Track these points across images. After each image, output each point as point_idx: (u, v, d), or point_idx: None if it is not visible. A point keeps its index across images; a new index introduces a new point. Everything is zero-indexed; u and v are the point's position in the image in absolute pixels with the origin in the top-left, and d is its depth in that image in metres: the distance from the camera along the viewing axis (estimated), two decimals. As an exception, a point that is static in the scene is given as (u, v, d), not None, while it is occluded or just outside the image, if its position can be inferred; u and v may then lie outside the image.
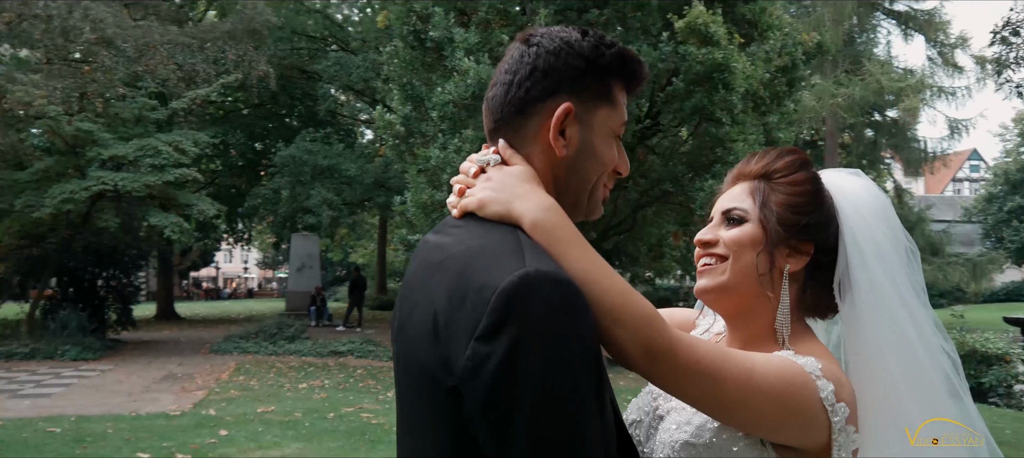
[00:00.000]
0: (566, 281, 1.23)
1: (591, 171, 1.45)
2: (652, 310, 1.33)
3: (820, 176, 1.65)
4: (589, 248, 1.34)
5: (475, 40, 14.28)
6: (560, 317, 1.20)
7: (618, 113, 1.47)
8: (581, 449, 1.21)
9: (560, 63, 1.42)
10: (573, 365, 1.20)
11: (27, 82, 16.13)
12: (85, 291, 21.38)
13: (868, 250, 1.57)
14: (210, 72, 20.80)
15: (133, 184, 16.92)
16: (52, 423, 9.97)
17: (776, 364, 1.42)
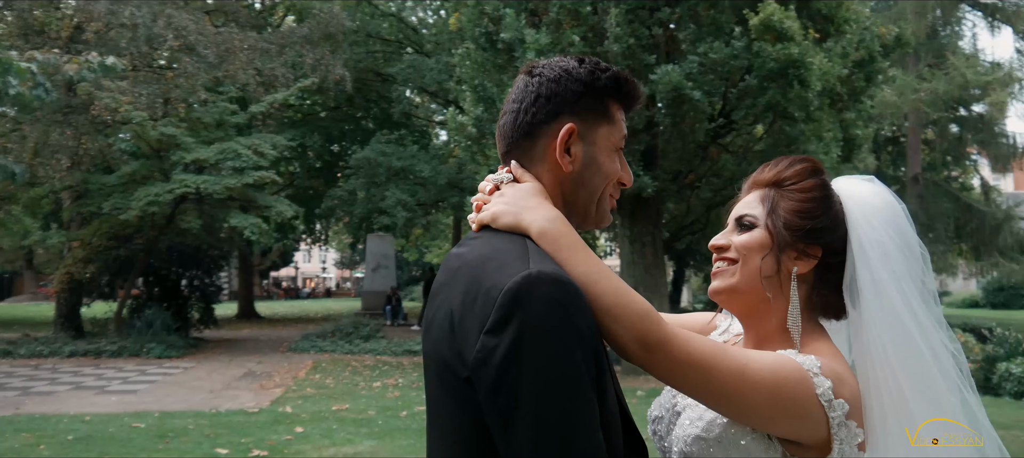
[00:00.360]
0: (566, 281, 1.37)
1: (597, 183, 1.60)
2: (647, 307, 1.45)
3: (830, 183, 1.73)
4: (590, 253, 1.47)
5: (546, 41, 14.28)
6: (560, 312, 1.33)
7: (617, 129, 1.61)
8: (578, 431, 1.32)
9: (561, 89, 1.57)
10: (572, 355, 1.33)
11: (114, 88, 16.72)
12: (169, 291, 22.07)
13: (873, 253, 1.62)
14: (288, 76, 21.26)
15: (214, 186, 17.36)
16: (137, 418, 10.33)
17: (772, 360, 1.51)
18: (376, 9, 28.25)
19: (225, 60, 19.16)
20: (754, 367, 1.47)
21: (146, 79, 18.34)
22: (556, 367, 1.32)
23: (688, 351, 1.44)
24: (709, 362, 1.44)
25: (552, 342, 1.32)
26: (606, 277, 1.44)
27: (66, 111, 17.76)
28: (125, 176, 18.40)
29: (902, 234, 1.66)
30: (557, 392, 1.31)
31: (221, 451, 8.42)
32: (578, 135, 1.57)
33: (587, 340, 1.35)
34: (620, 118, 1.62)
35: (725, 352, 1.48)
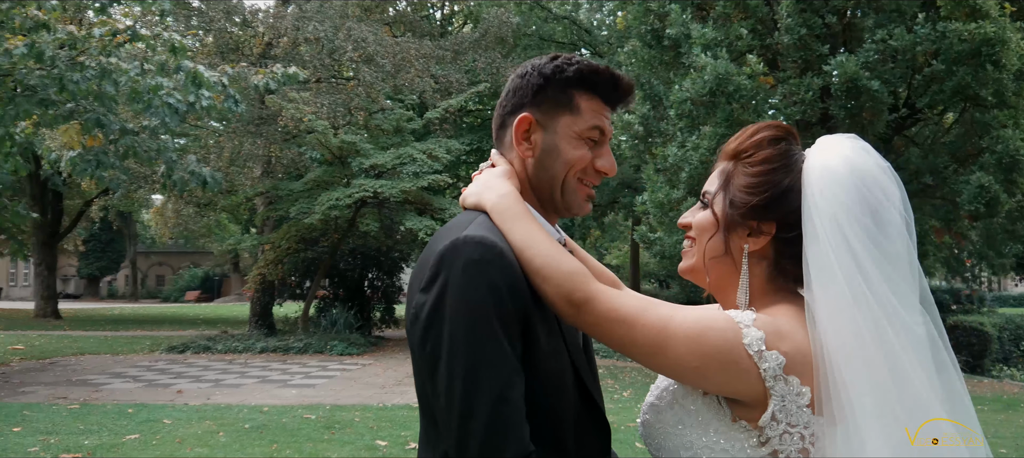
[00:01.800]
0: (489, 243, 1.49)
1: (556, 168, 1.70)
2: (575, 268, 1.53)
3: (794, 151, 1.63)
4: (530, 223, 1.59)
5: (713, 35, 13.97)
6: (476, 269, 1.46)
7: (582, 118, 1.69)
8: (485, 378, 1.41)
9: (523, 83, 1.72)
10: (485, 309, 1.44)
11: (297, 99, 17.71)
12: (353, 291, 23.10)
13: (823, 229, 1.52)
14: (463, 82, 21.83)
15: (391, 190, 18.04)
16: (310, 410, 10.88)
17: (698, 313, 1.51)
18: (549, 13, 28.51)
19: (402, 69, 19.92)
20: (678, 319, 1.48)
21: (328, 90, 19.30)
22: (469, 318, 1.43)
23: (613, 306, 1.49)
24: (633, 316, 1.49)
25: (467, 296, 1.44)
26: (539, 243, 1.54)
27: (258, 123, 18.96)
28: (310, 182, 19.46)
29: (868, 206, 1.51)
30: (469, 342, 1.42)
31: (380, 443, 8.72)
32: (537, 124, 1.70)
33: (504, 296, 1.45)
34: (588, 107, 1.69)
35: (651, 306, 1.51)
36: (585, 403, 1.61)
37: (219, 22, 19.28)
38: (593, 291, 1.51)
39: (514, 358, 1.44)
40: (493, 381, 1.41)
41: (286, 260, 20.56)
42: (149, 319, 33.49)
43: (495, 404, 1.41)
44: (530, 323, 1.49)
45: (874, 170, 1.55)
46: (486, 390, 1.41)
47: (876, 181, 1.54)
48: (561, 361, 1.56)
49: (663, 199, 15.08)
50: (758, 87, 13.25)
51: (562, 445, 1.54)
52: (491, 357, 1.42)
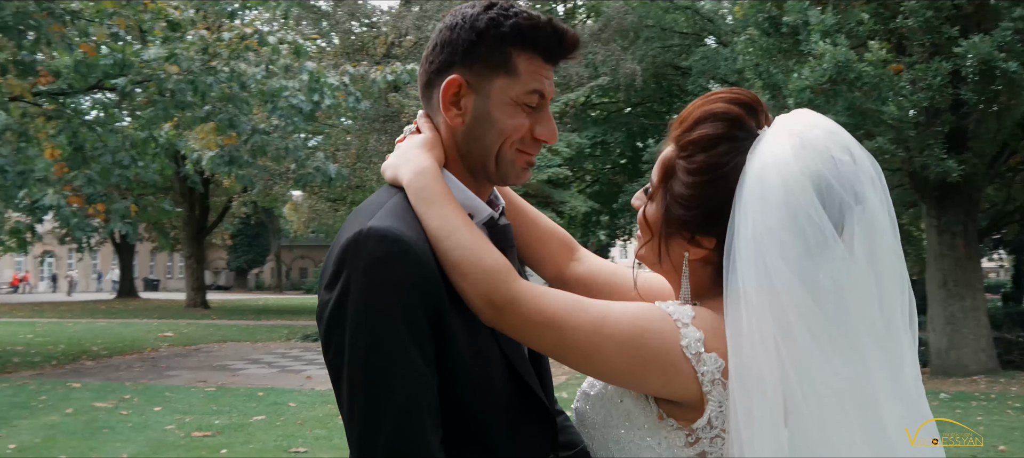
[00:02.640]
0: (394, 237, 1.33)
1: (490, 139, 1.49)
2: (497, 265, 1.37)
3: (736, 148, 1.40)
4: (448, 207, 1.41)
5: (832, 21, 13.58)
6: (379, 268, 1.31)
7: (520, 82, 1.47)
8: (387, 386, 1.30)
9: (454, 37, 1.47)
10: (389, 311, 1.31)
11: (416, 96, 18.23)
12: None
13: (742, 251, 1.34)
14: (583, 76, 21.92)
15: (511, 184, 18.37)
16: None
17: (635, 310, 1.37)
18: (671, 3, 28.26)
19: (521, 64, 20.19)
20: (612, 320, 1.35)
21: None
22: (371, 327, 1.30)
23: (539, 308, 1.35)
24: (562, 319, 1.35)
25: (370, 301, 1.31)
26: (457, 232, 1.38)
27: (383, 120, 19.62)
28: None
29: (796, 221, 1.31)
30: (371, 352, 1.30)
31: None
32: (469, 87, 1.47)
33: (411, 299, 1.32)
34: (527, 68, 1.47)
35: (582, 306, 1.37)
36: (521, 397, 1.46)
37: (345, 23, 20.02)
38: (516, 292, 1.35)
39: (423, 367, 1.32)
40: (397, 396, 1.30)
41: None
42: (289, 309, 35.02)
43: (397, 423, 1.30)
44: (445, 323, 1.36)
45: (814, 172, 1.33)
46: (389, 405, 1.30)
47: (813, 184, 1.33)
48: (488, 358, 1.42)
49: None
50: (882, 74, 12.82)
51: (492, 444, 1.42)
52: (395, 370, 1.30)
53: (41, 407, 10.21)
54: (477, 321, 1.40)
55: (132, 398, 10.86)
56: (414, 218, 1.41)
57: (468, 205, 1.51)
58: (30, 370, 14.21)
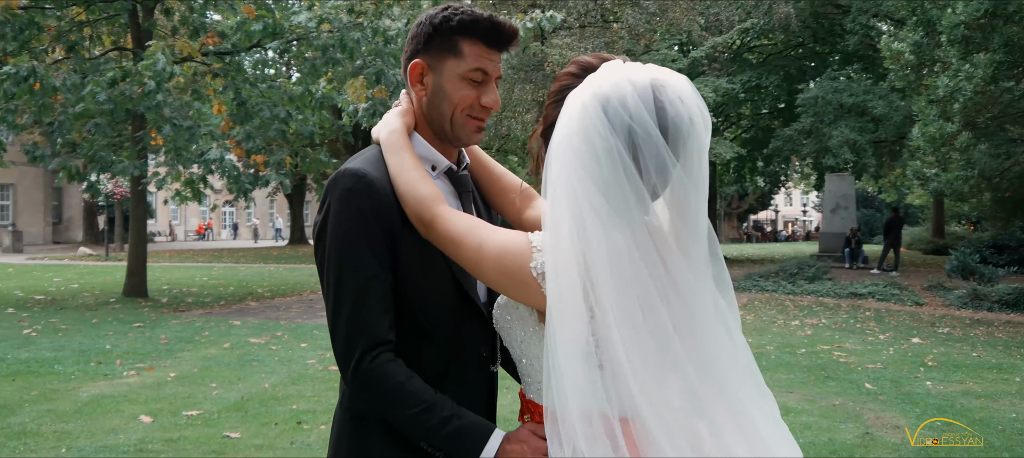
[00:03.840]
0: (359, 175, 1.82)
1: (444, 107, 1.92)
2: (427, 194, 1.80)
3: (573, 85, 1.72)
4: (403, 155, 1.88)
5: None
6: (347, 196, 1.80)
7: (465, 61, 1.89)
8: (348, 279, 1.78)
9: (418, 31, 1.93)
10: (353, 227, 1.79)
11: (561, 45, 18.37)
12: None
13: (551, 157, 1.66)
14: (733, 19, 21.41)
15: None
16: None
17: (505, 237, 1.72)
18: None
19: (668, 9, 19.92)
20: (491, 242, 1.71)
21: (592, 34, 19.79)
22: (338, 236, 1.80)
23: (447, 228, 1.76)
24: (461, 237, 1.74)
25: (340, 218, 1.79)
26: (405, 172, 1.84)
27: (527, 69, 19.88)
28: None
29: (585, 130, 1.61)
30: (339, 255, 1.80)
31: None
32: (429, 68, 1.93)
33: (368, 219, 1.79)
34: (471, 52, 1.88)
35: (475, 231, 1.74)
36: (462, 300, 1.89)
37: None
38: (436, 214, 1.77)
39: (376, 268, 1.78)
40: (353, 286, 1.77)
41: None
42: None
43: (354, 306, 1.77)
44: (398, 240, 1.82)
45: (612, 98, 1.61)
46: (347, 293, 1.77)
47: (612, 105, 1.60)
48: (436, 269, 1.86)
49: (935, 133, 14.12)
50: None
51: (433, 332, 1.86)
52: (353, 267, 1.78)
53: (203, 342, 11.18)
54: (428, 242, 1.83)
55: (283, 335, 11.72)
56: (383, 163, 1.89)
57: (429, 158, 1.98)
58: (200, 309, 15.47)
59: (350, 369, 1.78)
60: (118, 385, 8.38)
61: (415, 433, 1.78)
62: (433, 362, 1.86)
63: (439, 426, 1.75)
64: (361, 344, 1.77)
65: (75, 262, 31.39)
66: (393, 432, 1.82)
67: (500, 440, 1.76)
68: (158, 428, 6.72)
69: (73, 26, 16.31)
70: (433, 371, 1.84)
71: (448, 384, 1.84)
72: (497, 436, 1.77)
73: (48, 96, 14.36)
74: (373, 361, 1.76)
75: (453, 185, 2.01)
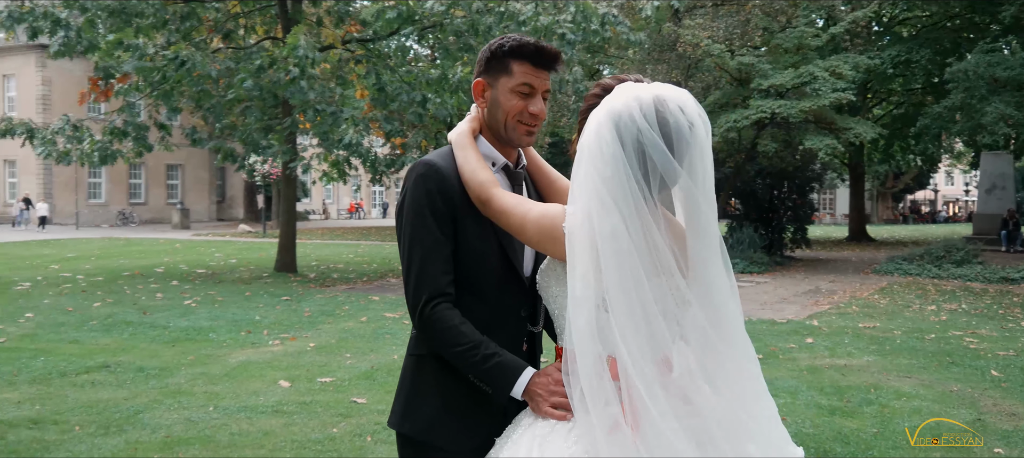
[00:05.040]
0: (431, 163, 2.31)
1: (499, 116, 2.36)
2: (485, 179, 2.25)
3: (605, 104, 2.06)
4: (468, 150, 2.34)
5: None
6: (420, 181, 2.28)
7: (514, 78, 2.32)
8: (416, 243, 2.26)
9: (481, 57, 2.41)
10: (420, 204, 2.27)
11: (693, 25, 18.26)
12: (763, 210, 23.16)
13: (580, 155, 2.06)
14: (876, -11, 20.66)
15: (789, 110, 17.95)
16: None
17: (544, 207, 2.17)
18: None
19: (805, -17, 19.45)
20: (532, 211, 2.16)
21: (726, 12, 19.56)
22: (412, 210, 2.27)
23: (500, 203, 2.21)
24: (509, 209, 2.19)
25: (413, 195, 2.27)
26: (467, 163, 2.30)
27: (660, 50, 19.87)
28: (710, 105, 19.95)
29: (620, 134, 1.98)
30: (412, 225, 2.27)
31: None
32: (488, 85, 2.36)
33: (435, 197, 2.25)
34: (520, 70, 2.31)
35: (521, 204, 2.19)
36: (507, 268, 2.33)
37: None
38: (491, 194, 2.22)
39: (440, 236, 2.24)
40: (421, 249, 2.23)
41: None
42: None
43: (421, 263, 2.23)
44: (458, 216, 2.27)
45: (629, 109, 1.99)
46: (417, 254, 2.24)
47: (629, 117, 1.98)
48: (488, 241, 2.30)
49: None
50: None
51: (483, 292, 2.30)
52: (421, 236, 2.24)
53: (342, 315, 11.92)
54: (485, 221, 2.29)
55: (416, 310, 12.31)
56: (452, 158, 2.35)
57: (490, 156, 2.42)
58: (344, 285, 16.37)
59: (417, 313, 2.23)
60: (263, 353, 9.13)
61: (464, 366, 2.22)
62: (480, 316, 2.26)
63: (482, 361, 2.18)
64: (425, 293, 2.22)
65: (235, 238, 33.52)
66: (445, 368, 2.28)
67: (531, 375, 2.17)
68: (294, 392, 7.34)
69: (229, 17, 17.45)
70: (479, 324, 2.24)
71: (492, 335, 2.24)
72: (528, 372, 2.17)
73: (205, 83, 15.48)
74: (435, 308, 2.21)
75: (508, 179, 2.43)
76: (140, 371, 8.19)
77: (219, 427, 6.33)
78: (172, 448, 5.81)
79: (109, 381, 7.84)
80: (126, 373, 8.14)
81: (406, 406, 2.37)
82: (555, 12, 14.96)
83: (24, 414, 6.64)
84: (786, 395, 7.22)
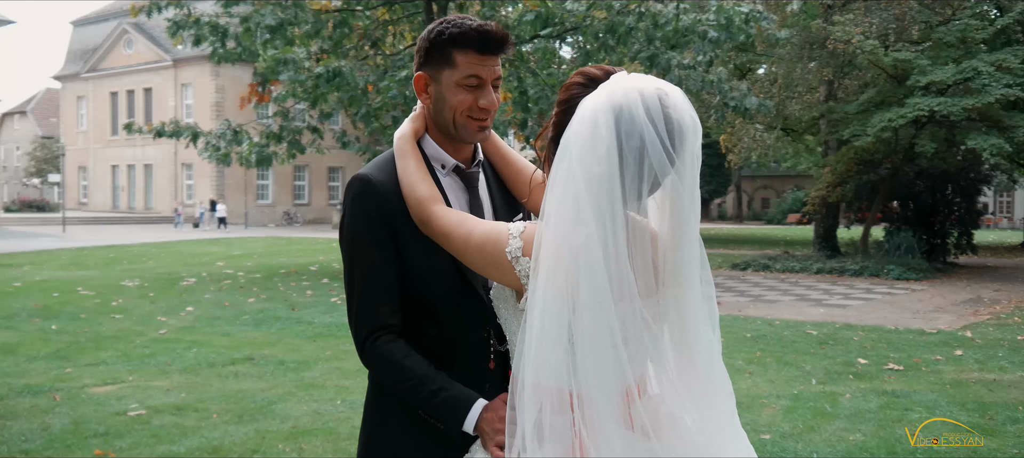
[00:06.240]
0: (366, 179, 2.09)
1: (446, 112, 2.12)
2: (425, 196, 2.05)
3: (584, 94, 1.88)
4: (408, 158, 2.12)
5: None
6: (354, 199, 2.10)
7: (459, 70, 2.07)
8: (356, 269, 2.09)
9: (419, 47, 2.16)
10: (357, 225, 2.09)
11: (844, 21, 17.52)
12: (923, 215, 21.94)
13: (562, 152, 1.84)
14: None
15: (951, 108, 16.98)
16: (818, 327, 11.31)
17: (487, 228, 1.98)
18: None
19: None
20: (476, 233, 1.97)
21: (878, 8, 18.66)
22: (349, 231, 2.10)
23: (440, 224, 2.01)
24: (450, 231, 2.00)
25: (349, 219, 2.10)
26: (408, 175, 2.09)
27: (810, 46, 19.19)
28: (864, 103, 19.10)
29: (594, 132, 1.79)
30: (350, 251, 2.11)
31: (861, 360, 8.92)
32: (430, 79, 2.13)
33: (373, 216, 2.06)
34: (464, 60, 2.06)
35: (463, 223, 2.00)
36: (463, 286, 2.09)
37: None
38: (430, 213, 2.02)
39: (380, 261, 2.05)
40: (360, 279, 2.07)
41: (847, 183, 20.48)
42: (738, 239, 35.64)
43: (360, 294, 2.07)
44: (400, 234, 2.06)
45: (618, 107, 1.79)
46: (356, 285, 2.08)
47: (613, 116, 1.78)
48: (437, 257, 2.06)
49: None
50: None
51: (434, 312, 2.09)
52: (359, 264, 2.07)
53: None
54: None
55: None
56: (393, 166, 2.14)
57: (438, 158, 2.20)
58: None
59: (360, 349, 2.10)
60: (396, 350, 9.42)
61: (413, 403, 2.06)
62: (437, 340, 2.10)
63: (429, 397, 2.01)
64: (365, 328, 2.08)
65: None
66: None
67: (481, 409, 1.99)
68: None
69: (378, 25, 18.07)
70: (438, 348, 2.08)
71: (453, 360, 2.08)
72: (478, 405, 2.00)
73: (354, 91, 16.09)
74: (375, 342, 2.06)
75: (462, 180, 2.21)
76: (280, 364, 8.62)
77: (343, 420, 6.59)
78: (296, 439, 6.09)
79: (251, 373, 8.30)
80: (267, 366, 8.59)
81: (369, 437, 2.24)
82: (698, 12, 14.71)
83: (170, 401, 7.12)
84: (921, 409, 6.85)
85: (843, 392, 7.50)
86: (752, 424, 6.30)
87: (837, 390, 7.60)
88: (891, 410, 6.87)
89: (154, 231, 40.41)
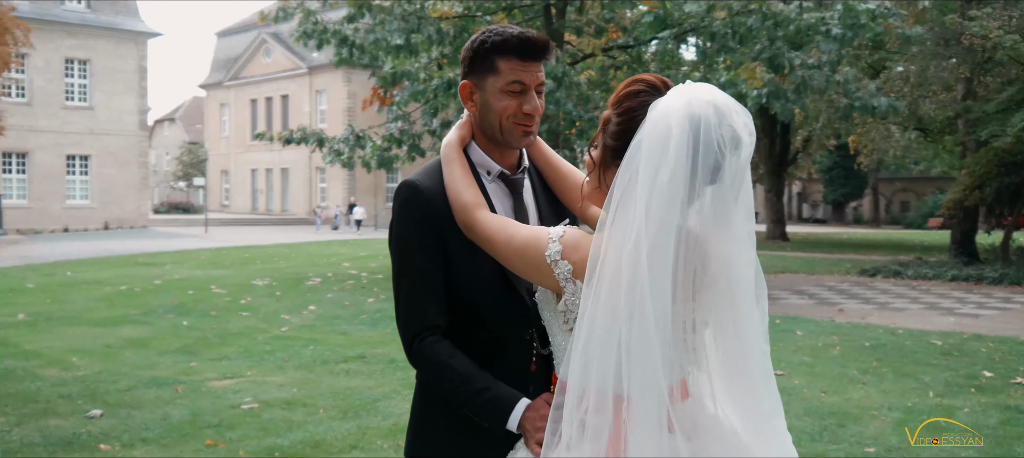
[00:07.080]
0: (414, 185, 2.17)
1: (492, 118, 2.19)
2: (469, 202, 2.11)
3: (650, 101, 1.91)
4: (454, 166, 2.18)
5: None
6: (403, 205, 2.18)
7: (502, 77, 2.14)
8: (404, 271, 2.18)
9: (463, 57, 2.23)
10: (405, 229, 2.18)
11: (982, 16, 16.64)
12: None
13: (632, 157, 1.87)
14: None
15: (1100, 106, 15.95)
16: (943, 337, 10.81)
17: (528, 232, 2.04)
18: None
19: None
20: (517, 238, 2.03)
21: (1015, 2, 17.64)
22: (397, 235, 2.19)
23: (483, 228, 2.08)
24: (493, 236, 2.06)
25: (397, 225, 2.18)
26: (453, 182, 2.15)
27: (944, 43, 18.33)
28: (1003, 102, 18.11)
29: (665, 141, 1.82)
30: (396, 254, 2.19)
31: (986, 373, 8.52)
32: (475, 87, 2.20)
33: (420, 221, 2.14)
34: (507, 67, 2.13)
35: (505, 228, 2.06)
36: (507, 290, 2.15)
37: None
38: (474, 218, 2.08)
39: (426, 263, 2.13)
40: (408, 282, 2.15)
41: (986, 186, 19.45)
42: (871, 244, 34.28)
43: (408, 297, 2.15)
44: (446, 239, 2.14)
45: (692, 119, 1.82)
46: (404, 288, 2.16)
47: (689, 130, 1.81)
48: (481, 261, 2.12)
49: None
50: None
51: (478, 314, 2.16)
52: (407, 267, 2.15)
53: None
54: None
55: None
56: (440, 173, 2.21)
57: (484, 164, 2.26)
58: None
59: (408, 350, 2.17)
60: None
61: (457, 402, 2.12)
62: (482, 342, 2.17)
63: (473, 396, 2.07)
64: (413, 328, 2.15)
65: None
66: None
67: (524, 408, 2.04)
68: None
69: (498, 32, 18.25)
70: (483, 350, 2.15)
71: (496, 362, 2.14)
72: (521, 405, 2.04)
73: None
74: (422, 343, 2.13)
75: (507, 187, 2.27)
76: (391, 363, 8.86)
77: (441, 418, 6.76)
78: (395, 435, 6.27)
79: (361, 370, 8.58)
80: (378, 364, 8.85)
81: (416, 435, 2.30)
82: (821, 10, 14.28)
83: (282, 396, 7.45)
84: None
85: (962, 406, 7.15)
86: (858, 436, 6.10)
87: (955, 404, 7.26)
88: (1012, 426, 6.51)
89: (291, 232, 42.03)
